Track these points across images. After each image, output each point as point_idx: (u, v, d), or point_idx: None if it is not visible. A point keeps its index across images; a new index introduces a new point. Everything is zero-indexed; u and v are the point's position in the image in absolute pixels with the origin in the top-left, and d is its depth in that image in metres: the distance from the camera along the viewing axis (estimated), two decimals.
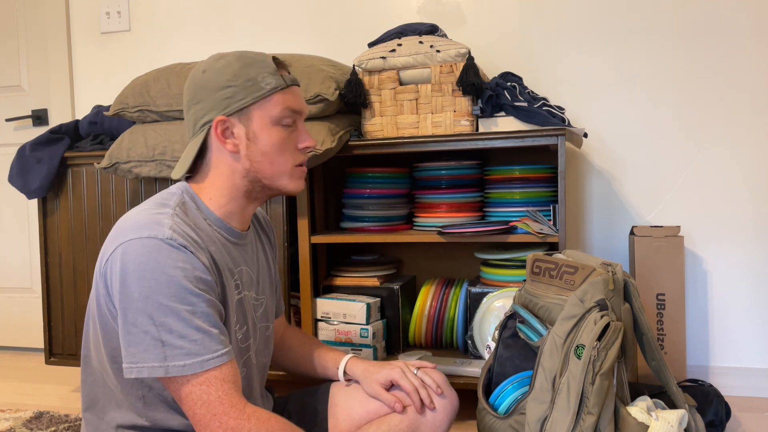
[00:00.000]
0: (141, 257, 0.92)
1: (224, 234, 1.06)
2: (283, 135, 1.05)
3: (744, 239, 1.95)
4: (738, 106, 1.95)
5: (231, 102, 1.01)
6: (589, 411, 1.04)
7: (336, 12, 2.27)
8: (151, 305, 0.91)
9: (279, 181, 1.06)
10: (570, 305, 1.12)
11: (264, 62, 1.04)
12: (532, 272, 1.27)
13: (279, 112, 1.03)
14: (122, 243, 0.94)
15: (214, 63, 1.04)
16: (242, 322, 1.09)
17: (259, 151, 1.03)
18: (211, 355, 0.92)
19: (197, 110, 1.04)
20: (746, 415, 1.76)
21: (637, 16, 2.01)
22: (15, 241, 2.67)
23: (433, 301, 1.87)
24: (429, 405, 1.16)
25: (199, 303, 0.93)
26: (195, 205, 1.05)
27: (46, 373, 2.36)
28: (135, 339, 0.91)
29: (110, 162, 1.81)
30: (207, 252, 0.99)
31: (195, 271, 0.94)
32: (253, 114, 1.03)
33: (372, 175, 1.88)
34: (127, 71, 2.52)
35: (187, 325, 0.91)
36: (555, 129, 1.56)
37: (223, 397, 0.92)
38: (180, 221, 0.98)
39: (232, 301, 1.04)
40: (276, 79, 1.03)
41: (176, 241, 0.93)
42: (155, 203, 1.02)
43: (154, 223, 0.95)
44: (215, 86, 1.02)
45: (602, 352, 1.06)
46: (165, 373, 0.90)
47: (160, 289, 0.91)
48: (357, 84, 1.74)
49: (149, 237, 0.93)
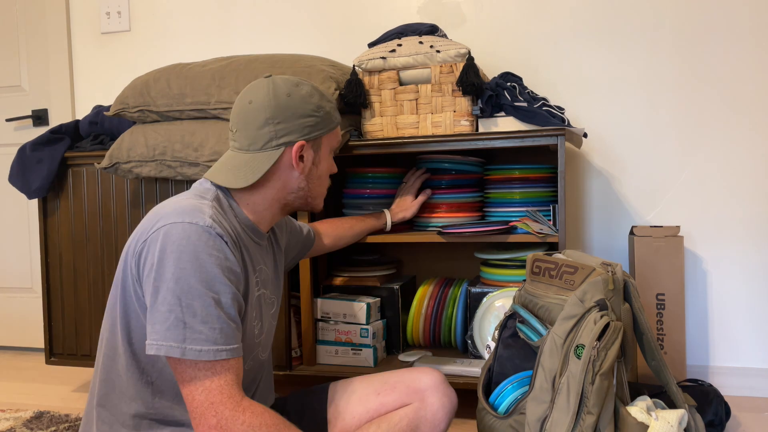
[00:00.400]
0: (182, 240, 0.97)
1: (250, 234, 1.13)
2: (330, 163, 1.21)
3: (744, 239, 1.96)
4: (738, 107, 1.95)
5: (312, 130, 1.13)
6: (588, 411, 1.04)
7: (336, 12, 2.27)
8: (182, 287, 0.95)
9: (318, 200, 1.21)
10: (570, 305, 1.12)
11: (329, 97, 1.19)
12: (531, 272, 1.27)
13: (336, 144, 1.21)
14: (164, 225, 0.99)
15: (296, 89, 1.12)
16: (259, 318, 1.13)
17: (317, 174, 1.18)
18: (226, 347, 0.96)
19: (277, 129, 1.10)
20: (746, 415, 1.76)
21: (637, 16, 2.01)
22: (15, 241, 2.68)
23: (430, 301, 1.87)
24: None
25: (226, 294, 0.98)
26: (228, 203, 1.11)
27: (46, 373, 2.36)
28: (161, 317, 0.95)
29: (110, 162, 1.81)
30: (238, 245, 1.06)
31: (227, 262, 0.99)
32: (321, 142, 1.17)
33: (372, 175, 1.89)
34: (127, 71, 2.52)
35: (211, 313, 0.95)
36: (555, 129, 1.57)
37: (224, 387, 0.95)
38: (218, 213, 1.05)
39: (252, 296, 1.09)
40: (337, 115, 1.19)
41: (215, 230, 1.00)
42: (194, 194, 1.09)
43: (196, 210, 1.01)
44: (301, 113, 1.11)
45: (602, 352, 1.06)
46: (181, 354, 0.93)
47: (194, 272, 0.95)
48: (357, 84, 1.74)
49: (191, 222, 0.99)
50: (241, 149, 1.12)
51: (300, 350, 1.84)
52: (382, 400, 1.20)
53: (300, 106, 1.11)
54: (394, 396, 1.20)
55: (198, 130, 1.75)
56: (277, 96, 1.10)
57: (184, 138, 1.75)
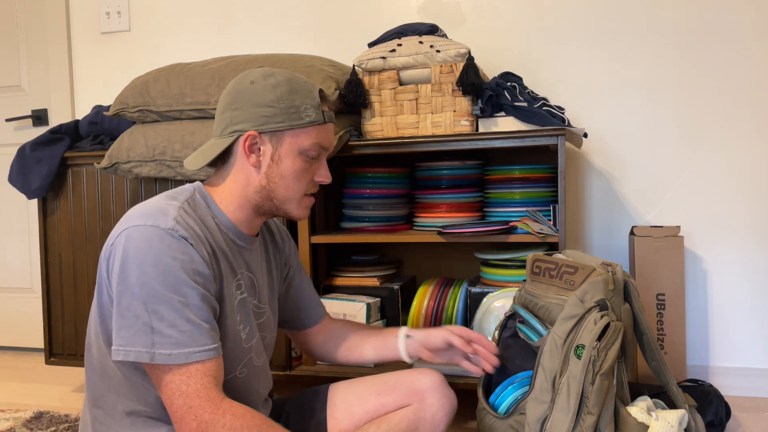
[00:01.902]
0: (142, 243, 0.94)
1: (231, 236, 1.09)
2: (305, 165, 1.09)
3: (744, 239, 1.95)
4: (738, 107, 1.95)
5: (268, 121, 1.05)
6: (589, 411, 1.04)
7: (336, 12, 2.27)
8: (146, 292, 0.93)
9: (287, 205, 1.10)
10: (570, 305, 1.12)
11: (310, 93, 1.07)
12: (532, 272, 1.27)
13: (308, 145, 1.07)
14: (126, 228, 0.97)
15: (263, 78, 1.06)
16: (246, 323, 1.10)
17: (278, 173, 1.07)
18: (197, 348, 0.94)
19: (233, 116, 1.06)
20: (746, 415, 1.76)
21: (637, 16, 2.01)
22: (15, 241, 2.67)
23: (430, 301, 1.87)
24: (489, 360, 1.23)
25: (193, 295, 0.95)
26: (205, 204, 1.08)
27: (46, 373, 2.36)
28: (126, 323, 0.93)
29: (110, 162, 1.81)
30: (209, 245, 1.01)
31: (193, 264, 0.96)
32: (284, 139, 1.06)
33: (372, 175, 1.88)
34: (127, 71, 2.52)
35: (179, 316, 0.93)
36: (555, 129, 1.56)
37: (201, 390, 0.93)
38: (185, 214, 1.01)
39: (233, 300, 1.06)
40: (316, 114, 1.07)
41: (177, 232, 0.96)
42: (166, 195, 1.05)
43: (159, 212, 0.98)
44: (258, 101, 1.04)
45: (602, 352, 1.06)
46: (150, 359, 0.92)
47: (157, 276, 0.93)
48: (357, 84, 1.74)
49: (152, 225, 0.96)
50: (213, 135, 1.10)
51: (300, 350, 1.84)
52: (381, 401, 1.20)
53: (259, 94, 1.05)
54: (394, 397, 1.20)
55: (198, 130, 1.75)
56: (240, 81, 1.07)
57: (184, 138, 1.75)
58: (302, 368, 1.79)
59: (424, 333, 1.28)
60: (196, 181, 1.10)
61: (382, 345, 1.31)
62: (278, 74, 1.06)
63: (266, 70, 1.08)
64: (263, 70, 1.08)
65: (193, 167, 1.08)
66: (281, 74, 1.07)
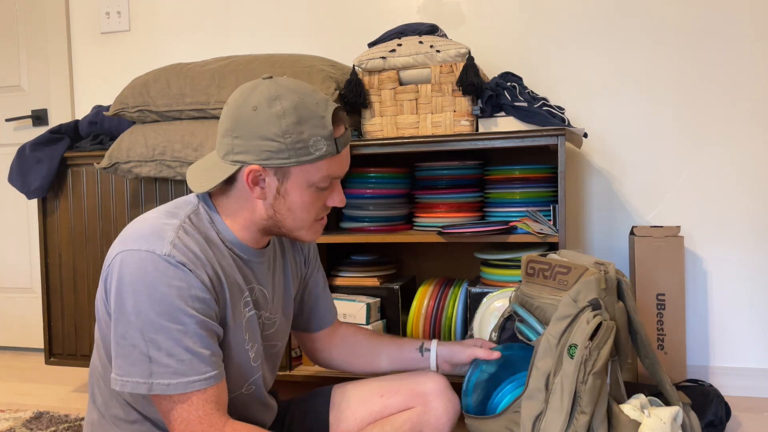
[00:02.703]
0: (137, 271, 0.91)
1: (236, 251, 1.04)
2: (315, 196, 1.01)
3: (744, 239, 1.95)
4: (738, 106, 1.95)
5: (272, 156, 0.95)
6: (582, 410, 1.04)
7: (336, 12, 2.27)
8: (143, 320, 0.90)
9: (297, 232, 1.04)
10: (563, 305, 1.12)
11: (321, 121, 0.96)
12: (526, 273, 1.27)
13: (318, 179, 0.99)
14: (122, 251, 0.94)
15: (268, 104, 0.95)
16: (253, 341, 1.07)
17: (285, 206, 1.00)
18: (197, 377, 0.92)
19: (234, 144, 0.97)
20: (746, 415, 1.76)
21: (637, 16, 2.01)
22: (15, 241, 2.67)
23: (430, 301, 1.87)
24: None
25: (191, 323, 0.92)
26: (209, 218, 1.03)
27: (46, 373, 2.36)
28: (124, 351, 0.92)
29: (110, 162, 1.81)
30: (211, 268, 0.97)
31: (191, 290, 0.92)
32: (291, 173, 0.98)
33: (372, 175, 1.88)
34: (127, 71, 2.52)
35: (177, 344, 0.91)
36: (555, 129, 1.56)
37: (203, 417, 0.92)
38: (185, 234, 0.96)
39: (240, 319, 1.03)
40: (328, 146, 0.97)
41: (174, 258, 0.92)
42: (166, 211, 1.00)
43: (156, 235, 0.94)
44: (261, 134, 0.95)
45: (594, 352, 1.06)
46: (148, 390, 0.91)
47: (153, 305, 0.90)
48: (357, 84, 1.74)
49: (147, 251, 0.92)
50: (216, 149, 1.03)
51: (300, 350, 1.84)
52: (385, 403, 1.19)
53: (262, 125, 0.95)
54: (398, 399, 1.19)
55: (198, 130, 1.75)
56: (242, 106, 0.96)
57: (184, 138, 1.75)
58: (302, 368, 1.79)
59: (449, 350, 1.26)
60: (203, 193, 1.05)
61: (399, 355, 1.27)
62: (285, 98, 0.95)
63: (272, 90, 0.96)
64: (269, 90, 0.96)
65: (198, 190, 1.01)
66: (288, 98, 0.95)
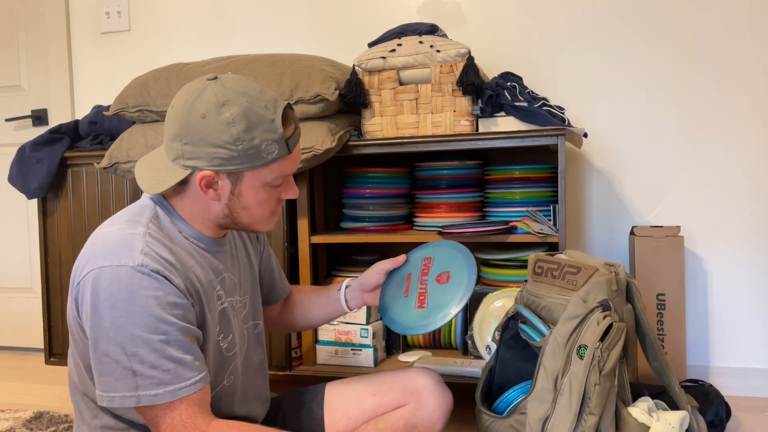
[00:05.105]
0: (112, 287, 0.91)
1: (201, 245, 1.05)
2: (269, 194, 1.03)
3: (744, 239, 1.95)
4: (738, 106, 1.95)
5: (224, 163, 0.96)
6: (590, 411, 1.04)
7: (336, 12, 2.27)
8: (123, 335, 0.90)
9: (253, 227, 1.06)
10: (573, 305, 1.12)
11: (271, 124, 0.96)
12: (534, 272, 1.27)
13: (272, 179, 1.01)
14: (92, 270, 0.93)
15: (216, 112, 0.94)
16: (227, 331, 1.08)
17: (240, 205, 1.02)
18: (183, 384, 0.93)
19: (183, 150, 0.97)
20: (746, 415, 1.76)
21: (637, 16, 2.01)
22: (15, 241, 2.67)
23: None
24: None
25: (173, 331, 0.92)
26: (169, 218, 1.03)
27: (46, 373, 2.36)
28: (107, 368, 0.92)
29: (110, 162, 1.81)
30: (183, 271, 0.98)
31: (168, 297, 0.93)
32: (244, 176, 0.99)
33: (372, 175, 1.88)
34: (127, 71, 2.52)
35: (160, 356, 0.91)
36: (555, 129, 1.56)
37: (186, 420, 0.93)
38: (152, 240, 0.96)
39: (214, 314, 1.04)
40: (280, 148, 0.98)
41: (148, 267, 0.92)
42: (127, 220, 1.00)
43: (124, 247, 0.93)
44: (211, 141, 0.95)
45: (605, 353, 1.06)
46: (136, 402, 0.91)
47: (132, 319, 0.90)
48: (357, 84, 1.74)
49: (120, 265, 0.91)
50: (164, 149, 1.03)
51: (300, 350, 1.84)
52: (378, 401, 1.20)
53: (211, 133, 0.94)
54: (391, 396, 1.20)
55: None
56: (190, 113, 0.95)
57: None
58: (302, 368, 1.79)
59: (359, 279, 1.25)
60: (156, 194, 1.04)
61: (325, 302, 1.29)
62: (233, 103, 0.94)
63: (219, 95, 0.95)
64: (215, 95, 0.95)
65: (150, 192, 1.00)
66: (236, 104, 0.94)
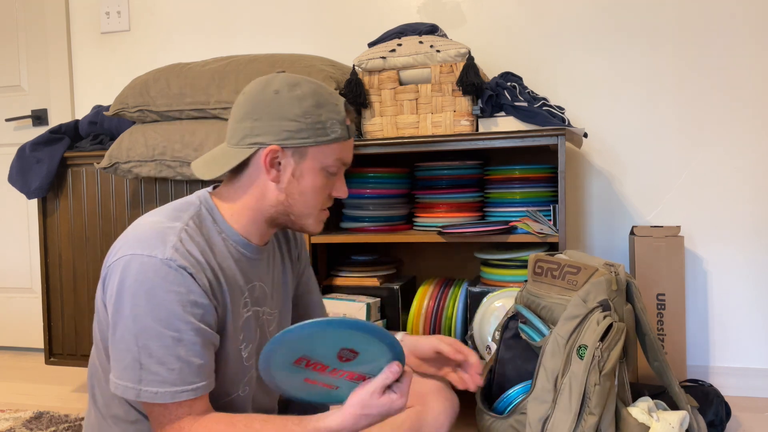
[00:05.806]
0: (139, 275, 0.92)
1: (240, 249, 1.05)
2: (325, 181, 1.05)
3: (744, 239, 1.95)
4: (738, 106, 1.95)
5: (292, 136, 1.00)
6: (590, 411, 1.04)
7: (336, 12, 2.27)
8: (138, 326, 0.91)
9: (305, 220, 1.07)
10: (573, 305, 1.12)
11: (337, 107, 1.02)
12: (534, 272, 1.27)
13: (331, 162, 1.04)
14: (124, 256, 0.94)
15: (288, 88, 1.00)
16: (249, 340, 1.07)
17: (298, 189, 1.03)
18: (184, 387, 0.92)
19: (253, 126, 1.00)
20: (746, 415, 1.76)
21: (637, 16, 2.01)
22: (15, 241, 2.67)
23: (430, 301, 1.87)
24: (475, 380, 1.15)
25: (187, 330, 0.92)
26: (212, 218, 1.04)
27: (46, 373, 2.36)
28: (119, 355, 0.93)
29: (110, 162, 1.81)
30: (211, 271, 0.98)
31: (190, 295, 0.93)
32: (308, 155, 1.02)
33: (372, 175, 1.88)
34: (127, 71, 2.52)
35: (168, 353, 0.91)
36: (555, 129, 1.56)
37: (183, 426, 0.93)
38: (187, 237, 0.97)
39: (238, 320, 1.03)
40: (342, 130, 1.03)
41: (176, 262, 0.93)
42: (170, 213, 1.01)
43: (158, 239, 0.94)
44: (282, 114, 0.99)
45: (605, 353, 1.06)
46: (137, 395, 0.92)
47: (150, 311, 0.91)
48: (357, 84, 1.74)
49: (149, 255, 0.92)
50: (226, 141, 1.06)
51: None
52: None
53: (283, 106, 0.99)
54: None
55: (198, 130, 1.75)
56: (263, 91, 1.01)
57: (184, 138, 1.75)
58: None
59: (414, 340, 1.24)
60: (203, 191, 1.07)
61: None
62: (304, 85, 1.01)
63: (290, 78, 1.02)
64: (287, 78, 1.02)
65: (207, 177, 1.02)
66: (307, 85, 1.01)
